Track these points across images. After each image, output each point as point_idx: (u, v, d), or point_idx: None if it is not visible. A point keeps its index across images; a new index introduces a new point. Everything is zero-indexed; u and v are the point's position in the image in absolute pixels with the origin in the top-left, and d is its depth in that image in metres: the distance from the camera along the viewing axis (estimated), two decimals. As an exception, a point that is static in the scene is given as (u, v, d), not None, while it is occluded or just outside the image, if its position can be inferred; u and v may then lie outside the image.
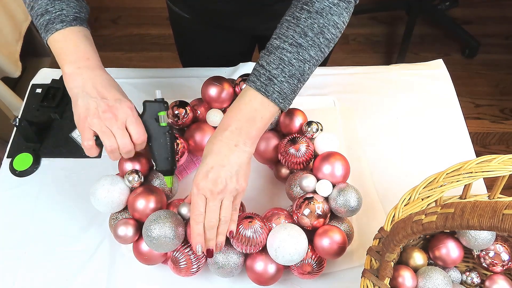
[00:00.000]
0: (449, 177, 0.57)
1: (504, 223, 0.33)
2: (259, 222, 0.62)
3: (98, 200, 0.65)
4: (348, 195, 0.64)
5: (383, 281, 0.51)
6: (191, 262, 0.63)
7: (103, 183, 0.65)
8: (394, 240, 0.44)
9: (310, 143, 0.71)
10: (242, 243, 0.61)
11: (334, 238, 0.62)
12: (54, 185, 0.79)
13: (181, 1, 0.89)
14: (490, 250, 0.65)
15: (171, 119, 0.74)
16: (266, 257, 0.63)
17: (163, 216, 0.61)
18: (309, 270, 0.63)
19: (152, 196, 0.65)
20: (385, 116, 0.87)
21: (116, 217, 0.67)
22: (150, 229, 0.60)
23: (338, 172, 0.67)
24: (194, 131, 0.75)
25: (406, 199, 0.57)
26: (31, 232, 0.74)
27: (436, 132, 0.85)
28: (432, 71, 0.94)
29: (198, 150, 0.76)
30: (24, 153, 0.81)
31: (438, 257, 0.66)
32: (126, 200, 0.67)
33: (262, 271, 0.63)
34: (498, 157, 0.57)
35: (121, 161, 0.70)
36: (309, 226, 0.64)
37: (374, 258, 0.53)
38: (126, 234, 0.63)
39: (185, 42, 1.03)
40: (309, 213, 0.63)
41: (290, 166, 0.72)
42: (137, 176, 0.67)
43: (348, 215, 0.65)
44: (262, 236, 0.62)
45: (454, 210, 0.37)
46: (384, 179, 0.79)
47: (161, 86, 0.92)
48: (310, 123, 0.73)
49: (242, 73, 0.92)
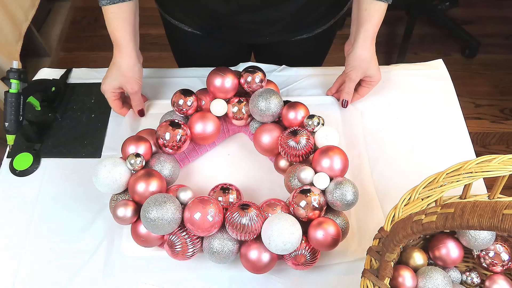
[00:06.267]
0: (449, 177, 0.57)
1: (504, 223, 0.33)
2: (255, 210, 0.63)
3: (99, 181, 0.67)
4: (345, 189, 0.64)
5: (383, 281, 0.51)
6: (186, 245, 0.64)
7: (105, 163, 0.67)
8: (394, 240, 0.44)
9: (310, 137, 0.72)
10: (237, 230, 0.62)
11: (328, 230, 0.63)
12: (54, 185, 0.79)
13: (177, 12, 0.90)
14: (490, 250, 0.65)
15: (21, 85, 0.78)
16: (260, 245, 0.63)
17: (161, 199, 0.62)
18: (302, 261, 0.64)
19: (152, 180, 0.66)
20: (385, 116, 0.87)
21: (117, 199, 0.69)
22: (148, 211, 0.61)
23: (337, 166, 0.68)
24: (197, 120, 0.76)
25: (406, 199, 0.57)
26: (31, 232, 0.74)
27: (436, 132, 0.85)
28: (432, 71, 0.94)
29: (201, 138, 0.77)
30: (24, 152, 0.81)
31: (438, 257, 0.66)
32: (127, 183, 0.68)
33: (256, 259, 0.63)
34: (498, 157, 0.57)
35: (124, 144, 0.71)
36: (305, 217, 0.65)
37: (374, 258, 0.53)
38: (125, 215, 0.65)
39: (182, 52, 1.05)
40: (305, 205, 0.64)
41: (290, 159, 0.73)
42: (139, 159, 0.68)
43: (344, 208, 0.66)
44: (257, 224, 0.62)
45: (454, 210, 0.37)
46: (384, 178, 0.79)
47: (161, 86, 0.92)
48: (311, 116, 0.73)
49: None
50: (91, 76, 0.94)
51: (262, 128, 0.76)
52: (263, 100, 0.74)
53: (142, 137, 0.72)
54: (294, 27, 0.90)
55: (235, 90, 0.79)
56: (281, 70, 0.93)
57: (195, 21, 0.90)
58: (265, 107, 0.74)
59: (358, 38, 0.78)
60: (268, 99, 0.74)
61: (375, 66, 0.80)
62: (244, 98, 0.79)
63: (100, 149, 0.83)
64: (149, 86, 0.92)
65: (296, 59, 0.97)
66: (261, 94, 0.75)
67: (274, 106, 0.74)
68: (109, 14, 0.74)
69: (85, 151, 0.83)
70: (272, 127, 0.76)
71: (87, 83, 0.92)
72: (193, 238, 0.65)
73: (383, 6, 0.76)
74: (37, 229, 0.74)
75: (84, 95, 0.90)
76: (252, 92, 0.78)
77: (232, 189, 0.70)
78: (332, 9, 0.91)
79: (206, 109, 0.79)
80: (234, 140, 0.85)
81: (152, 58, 1.96)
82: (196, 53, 1.00)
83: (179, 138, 0.73)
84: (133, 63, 0.78)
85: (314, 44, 0.98)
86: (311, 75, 0.93)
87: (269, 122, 0.77)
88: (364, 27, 0.77)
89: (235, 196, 0.69)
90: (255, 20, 0.85)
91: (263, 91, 0.76)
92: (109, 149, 0.83)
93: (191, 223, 0.62)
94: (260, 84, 0.77)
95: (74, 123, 0.87)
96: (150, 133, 0.75)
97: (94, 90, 0.90)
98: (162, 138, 0.72)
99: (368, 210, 0.74)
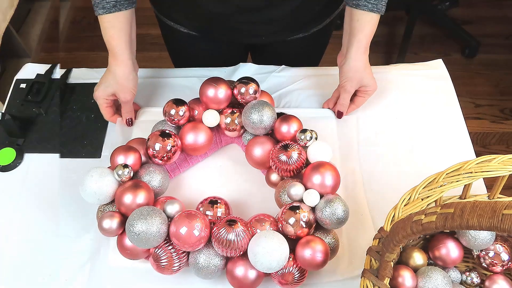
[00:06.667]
0: (449, 177, 0.57)
1: (503, 223, 0.33)
2: (242, 226, 0.61)
3: (86, 191, 0.66)
4: (335, 207, 0.63)
5: (382, 281, 0.51)
6: (172, 260, 0.63)
7: (92, 174, 0.66)
8: (393, 240, 0.44)
9: (302, 151, 0.70)
10: (223, 246, 0.60)
11: (316, 249, 0.61)
12: (38, 180, 0.79)
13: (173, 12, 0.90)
14: (490, 250, 0.65)
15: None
16: (247, 262, 0.61)
17: (147, 213, 0.61)
18: (290, 280, 0.62)
19: (139, 192, 0.65)
20: (385, 116, 0.87)
21: (104, 210, 0.68)
22: (133, 224, 0.61)
23: (328, 183, 0.66)
24: (189, 130, 0.75)
25: (406, 199, 0.57)
26: (13, 227, 0.74)
27: (436, 132, 0.85)
28: (432, 71, 0.94)
29: (192, 149, 0.75)
30: (7, 147, 0.81)
31: (438, 257, 0.66)
32: (114, 193, 0.67)
33: (242, 276, 0.62)
34: (498, 157, 0.57)
35: (113, 154, 0.70)
36: (293, 235, 0.63)
37: (373, 258, 0.53)
38: (110, 227, 0.64)
39: (177, 53, 1.05)
40: (294, 222, 0.62)
41: (281, 173, 0.71)
42: (126, 170, 0.67)
43: (334, 227, 0.64)
44: (244, 241, 0.61)
45: (453, 210, 0.37)
46: (384, 178, 0.79)
47: (160, 86, 0.92)
48: (304, 130, 0.71)
49: (242, 73, 0.92)
50: (91, 76, 0.93)
51: (254, 140, 0.75)
52: (255, 112, 0.73)
53: (132, 147, 0.71)
54: (290, 27, 0.90)
55: (228, 101, 0.77)
56: (281, 70, 0.93)
57: (191, 22, 0.90)
58: (258, 120, 0.73)
59: (351, 49, 0.78)
60: (261, 111, 0.73)
61: (369, 75, 0.80)
62: (237, 109, 0.77)
63: (100, 149, 0.83)
64: (149, 86, 0.92)
65: (293, 58, 0.97)
66: (254, 106, 0.73)
67: (267, 118, 0.73)
68: (105, 23, 0.75)
69: (85, 151, 0.83)
70: (264, 140, 0.74)
71: (87, 83, 0.92)
72: (179, 253, 0.63)
73: (375, 17, 0.76)
74: (19, 224, 0.74)
75: (84, 95, 0.90)
76: (245, 103, 0.77)
77: (220, 203, 0.69)
78: (328, 8, 0.91)
79: (198, 119, 0.77)
80: (227, 151, 0.83)
81: (152, 58, 1.95)
82: (192, 53, 1.00)
83: (169, 149, 0.71)
84: (129, 71, 0.78)
85: (311, 43, 0.98)
86: (310, 75, 0.93)
87: (262, 134, 0.76)
88: (357, 38, 0.77)
89: (223, 210, 0.68)
90: (251, 20, 0.85)
91: (256, 103, 0.74)
92: (109, 149, 0.82)
93: (176, 237, 0.61)
94: (253, 95, 0.76)
95: (74, 123, 0.87)
96: (141, 142, 0.73)
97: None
98: (152, 149, 0.71)
99: (359, 228, 0.72)
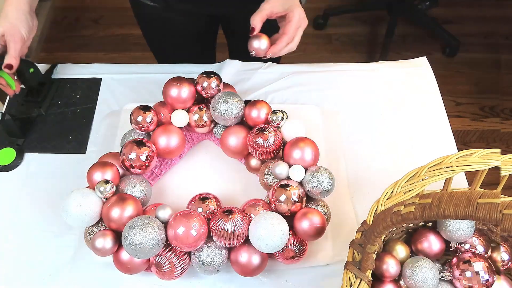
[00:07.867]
0: (430, 171, 0.58)
1: (478, 212, 0.34)
2: (239, 214, 0.63)
3: (71, 216, 0.63)
4: (321, 177, 0.66)
5: (365, 273, 0.52)
6: (174, 264, 0.63)
7: (74, 197, 0.63)
8: (374, 232, 0.45)
9: (277, 132, 0.72)
10: (223, 238, 0.62)
11: (313, 220, 0.64)
12: (38, 180, 0.78)
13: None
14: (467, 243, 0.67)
15: None
16: (249, 248, 0.63)
17: (141, 222, 0.60)
18: (292, 255, 0.65)
19: (126, 204, 0.63)
20: (370, 112, 0.88)
21: (92, 231, 0.65)
22: (130, 237, 0.59)
23: (308, 156, 0.69)
24: (160, 134, 0.74)
25: (388, 193, 0.58)
26: (13, 227, 0.73)
27: (419, 129, 0.87)
28: (416, 68, 0.96)
29: (167, 153, 0.75)
30: (7, 147, 0.80)
31: (420, 250, 0.67)
32: (100, 212, 0.65)
33: (246, 263, 0.64)
34: (478, 151, 0.58)
35: (89, 172, 0.68)
36: (287, 212, 0.66)
37: (356, 250, 0.54)
38: (104, 246, 0.62)
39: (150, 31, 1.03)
40: (285, 199, 0.65)
41: (261, 157, 0.73)
42: (108, 185, 0.65)
43: (323, 196, 0.68)
44: (243, 228, 0.62)
45: (431, 200, 0.38)
46: (368, 173, 0.80)
47: (145, 82, 0.92)
48: (275, 111, 0.73)
49: (228, 69, 0.93)
50: (76, 71, 0.94)
51: (228, 131, 0.75)
52: (223, 103, 0.73)
53: (107, 162, 0.69)
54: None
55: (193, 98, 0.77)
56: (268, 67, 0.94)
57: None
58: (227, 110, 0.73)
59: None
60: (229, 101, 0.73)
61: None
62: (204, 105, 0.78)
63: (85, 144, 0.83)
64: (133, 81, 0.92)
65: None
66: (221, 98, 0.74)
67: (236, 107, 0.74)
68: None
69: (70, 147, 0.82)
70: (238, 129, 0.75)
71: (72, 78, 0.92)
72: (180, 255, 0.63)
73: None
74: (19, 225, 0.73)
75: (69, 91, 0.90)
76: (211, 97, 0.77)
77: (210, 198, 0.69)
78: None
79: (167, 121, 0.77)
80: (200, 149, 0.83)
81: (134, 59, 1.94)
82: (162, 28, 0.99)
83: (146, 157, 0.70)
84: (22, 13, 0.77)
85: None
86: (296, 71, 0.94)
87: (233, 124, 0.76)
88: None
89: (214, 204, 0.69)
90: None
91: (222, 94, 0.75)
92: (94, 144, 0.83)
93: (175, 239, 0.61)
94: (217, 88, 0.76)
95: (59, 119, 0.86)
96: (114, 156, 0.72)
97: (79, 86, 0.91)
98: (128, 159, 0.69)
99: (342, 222, 0.74)
